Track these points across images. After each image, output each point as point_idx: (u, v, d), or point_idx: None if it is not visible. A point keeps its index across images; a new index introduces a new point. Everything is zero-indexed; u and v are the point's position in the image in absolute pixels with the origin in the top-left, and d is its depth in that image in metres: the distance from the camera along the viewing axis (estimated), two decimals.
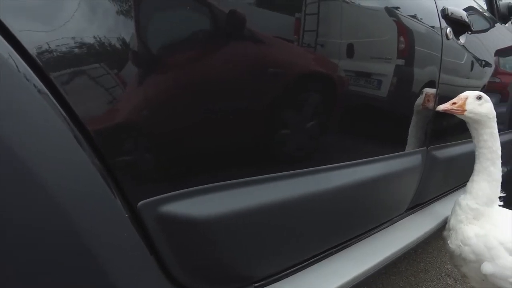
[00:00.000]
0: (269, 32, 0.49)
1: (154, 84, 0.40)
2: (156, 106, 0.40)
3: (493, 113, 0.86)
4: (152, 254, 0.43)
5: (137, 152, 0.40)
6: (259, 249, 0.52)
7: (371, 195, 0.73)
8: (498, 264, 0.78)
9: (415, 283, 1.30)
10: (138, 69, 0.38)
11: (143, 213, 0.41)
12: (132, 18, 0.37)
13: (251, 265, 0.52)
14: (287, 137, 0.54)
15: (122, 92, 0.37)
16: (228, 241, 0.48)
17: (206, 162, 0.45)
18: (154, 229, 0.42)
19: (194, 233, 0.44)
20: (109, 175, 0.38)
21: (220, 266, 0.49)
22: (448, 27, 0.89)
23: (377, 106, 0.73)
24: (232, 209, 0.46)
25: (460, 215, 0.87)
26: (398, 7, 0.72)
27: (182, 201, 0.42)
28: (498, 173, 0.87)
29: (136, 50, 0.37)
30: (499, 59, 1.35)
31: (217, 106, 0.45)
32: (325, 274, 0.63)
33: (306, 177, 0.57)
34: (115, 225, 0.38)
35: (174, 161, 0.42)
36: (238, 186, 0.48)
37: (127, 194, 0.39)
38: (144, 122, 0.39)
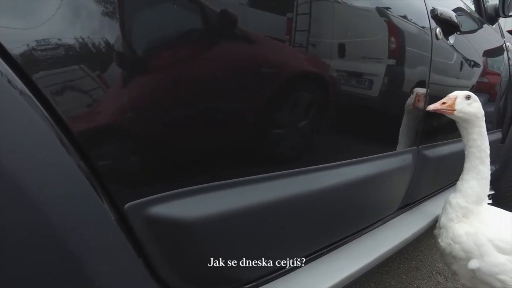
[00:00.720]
0: (259, 31, 0.49)
1: (141, 84, 0.39)
2: (143, 107, 0.39)
3: (482, 113, 0.87)
4: (140, 256, 0.43)
5: (123, 153, 0.39)
6: (250, 250, 0.52)
7: (363, 194, 0.73)
8: (486, 261, 0.79)
9: (407, 282, 1.31)
10: (123, 69, 0.37)
11: (130, 215, 0.40)
12: (117, 17, 0.36)
13: (241, 266, 0.52)
14: (277, 137, 0.54)
15: (107, 93, 0.37)
16: (218, 242, 0.47)
17: (194, 163, 0.45)
18: (141, 232, 0.41)
19: (183, 234, 0.44)
20: (94, 177, 0.37)
21: (210, 268, 0.48)
22: (438, 27, 0.89)
23: (368, 106, 0.73)
24: (221, 210, 0.46)
25: (451, 214, 0.88)
26: (388, 7, 0.73)
27: (170, 202, 0.42)
28: (487, 172, 0.88)
29: (120, 50, 0.37)
30: (487, 59, 1.37)
31: (205, 106, 0.44)
32: (317, 274, 0.63)
33: (296, 177, 0.57)
34: (101, 227, 0.37)
35: (161, 163, 0.42)
36: (227, 187, 0.47)
37: (114, 196, 0.38)
38: (130, 123, 0.38)
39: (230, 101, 0.47)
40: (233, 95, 0.47)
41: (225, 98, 0.46)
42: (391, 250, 0.78)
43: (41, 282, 0.33)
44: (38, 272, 0.33)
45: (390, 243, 0.79)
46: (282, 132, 0.55)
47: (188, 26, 0.42)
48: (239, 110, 0.48)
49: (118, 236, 0.39)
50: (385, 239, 0.81)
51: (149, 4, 0.39)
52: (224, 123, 0.46)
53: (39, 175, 0.32)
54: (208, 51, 0.43)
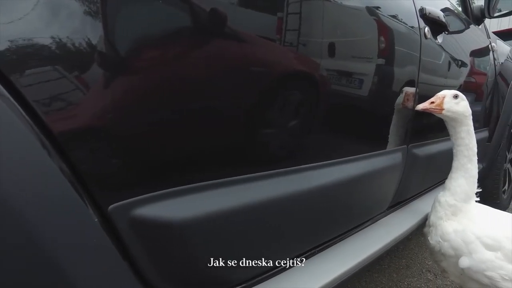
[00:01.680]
0: (248, 30, 0.48)
1: (125, 84, 0.38)
2: (127, 106, 0.38)
3: (469, 111, 0.88)
4: (126, 259, 0.41)
5: (106, 154, 0.37)
6: (239, 251, 0.51)
7: (353, 193, 0.73)
8: (474, 258, 0.79)
9: (397, 280, 1.32)
10: (104, 69, 0.36)
11: (114, 217, 0.38)
12: (100, 15, 0.35)
13: (231, 268, 0.51)
14: (265, 136, 0.53)
15: (89, 93, 0.35)
16: (206, 243, 0.46)
17: (180, 164, 0.43)
18: (127, 234, 0.40)
19: (170, 236, 0.42)
20: (76, 178, 0.35)
21: (198, 270, 0.47)
22: (426, 27, 0.90)
23: (358, 105, 0.73)
24: (209, 210, 0.45)
25: (440, 212, 0.88)
26: (377, 6, 0.73)
27: (155, 203, 0.41)
28: (475, 170, 0.90)
29: (102, 50, 0.35)
30: (474, 59, 1.39)
31: (190, 106, 0.43)
32: (309, 274, 0.63)
33: (286, 177, 0.56)
34: (83, 230, 0.35)
35: (146, 163, 0.40)
36: (214, 187, 0.46)
37: (97, 197, 0.37)
38: (113, 123, 0.37)
39: (217, 100, 0.46)
40: (219, 94, 0.45)
41: (211, 97, 0.45)
42: (382, 249, 0.78)
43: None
44: (15, 278, 0.32)
45: (381, 242, 0.79)
46: (271, 131, 0.54)
47: (172, 24, 0.41)
48: (226, 110, 0.47)
49: (101, 238, 0.38)
50: (376, 238, 0.81)
51: (132, 1, 0.38)
52: (211, 122, 0.45)
53: (18, 177, 0.31)
54: (191, 49, 0.42)
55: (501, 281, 0.77)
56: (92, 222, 0.37)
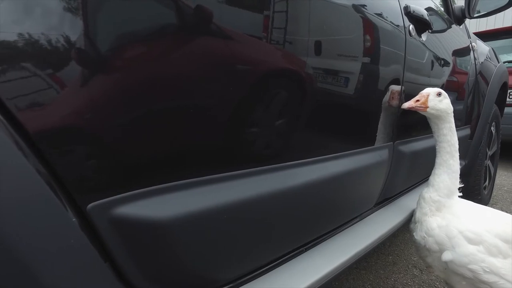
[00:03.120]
0: (232, 28, 0.47)
1: (103, 81, 0.36)
2: (106, 102, 0.36)
3: (451, 109, 0.90)
4: (107, 261, 0.40)
5: (84, 151, 0.35)
6: (225, 250, 0.50)
7: (341, 190, 0.73)
8: (457, 252, 0.81)
9: (384, 276, 1.33)
10: (82, 68, 0.34)
11: (93, 216, 0.37)
12: (77, 12, 0.33)
13: (217, 268, 0.50)
14: (251, 134, 0.52)
15: (65, 92, 0.33)
16: (190, 242, 0.45)
17: (162, 161, 0.42)
18: (107, 234, 0.38)
19: (152, 235, 0.41)
20: (52, 177, 0.34)
21: (183, 270, 0.46)
22: (411, 24, 0.91)
23: (344, 103, 0.73)
24: (192, 209, 0.43)
25: (424, 208, 0.90)
26: (363, 4, 0.73)
27: (137, 202, 0.39)
28: (457, 165, 0.91)
29: (80, 48, 0.33)
30: (456, 58, 1.43)
31: (172, 104, 0.41)
32: (296, 273, 0.62)
33: (272, 174, 0.55)
34: (59, 230, 0.34)
35: (126, 160, 0.39)
36: (198, 185, 0.45)
37: (74, 196, 0.35)
38: (90, 120, 0.35)
39: (199, 98, 0.44)
40: (201, 92, 0.44)
41: (193, 95, 0.43)
42: (370, 245, 0.78)
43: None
44: None
45: (369, 239, 0.79)
46: (256, 128, 0.53)
47: (151, 21, 0.39)
48: (209, 107, 0.46)
49: (80, 239, 0.36)
50: (364, 235, 0.81)
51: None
52: (193, 120, 0.44)
53: None
54: (168, 48, 0.40)
55: (483, 274, 0.79)
56: (70, 222, 0.35)
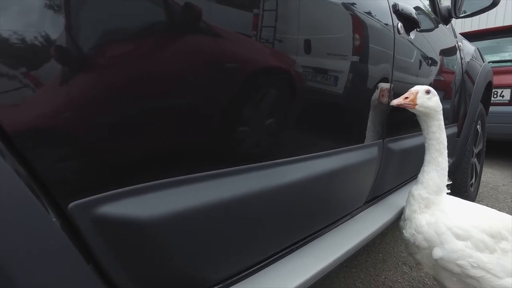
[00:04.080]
0: (220, 25, 0.46)
1: (83, 78, 0.34)
2: (87, 99, 0.34)
3: (440, 106, 0.91)
4: (90, 262, 0.38)
5: (65, 148, 0.34)
6: (213, 250, 0.49)
7: (330, 188, 0.73)
8: (446, 248, 0.81)
9: (375, 274, 1.34)
10: (62, 66, 0.32)
11: (75, 216, 0.35)
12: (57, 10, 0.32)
13: (205, 268, 0.48)
14: (239, 131, 0.51)
15: (44, 90, 0.32)
16: (177, 242, 0.43)
17: (148, 158, 0.40)
18: (90, 234, 0.37)
19: (138, 235, 0.39)
20: (30, 175, 0.32)
21: (170, 270, 0.44)
22: (399, 22, 0.92)
23: (333, 101, 0.72)
24: (179, 207, 0.42)
25: (414, 205, 0.90)
26: (352, 2, 0.73)
27: (122, 200, 0.38)
28: (445, 163, 0.92)
29: (59, 46, 0.32)
30: (443, 57, 1.45)
31: (159, 100, 0.40)
32: (286, 272, 0.61)
33: (260, 172, 0.54)
34: (37, 231, 0.32)
35: (110, 158, 0.37)
36: (185, 183, 0.43)
37: (54, 195, 0.33)
38: (70, 116, 0.33)
39: (184, 96, 0.43)
40: (187, 90, 0.43)
41: (177, 93, 0.42)
42: (360, 244, 0.78)
43: None
44: None
45: (359, 237, 0.79)
46: (244, 126, 0.52)
47: (129, 19, 0.37)
48: (195, 105, 0.44)
49: (61, 240, 0.34)
50: (354, 233, 0.81)
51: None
52: (179, 118, 0.42)
53: None
54: (147, 46, 0.38)
55: (471, 269, 0.80)
56: (49, 222, 0.33)
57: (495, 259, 0.81)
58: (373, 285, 1.26)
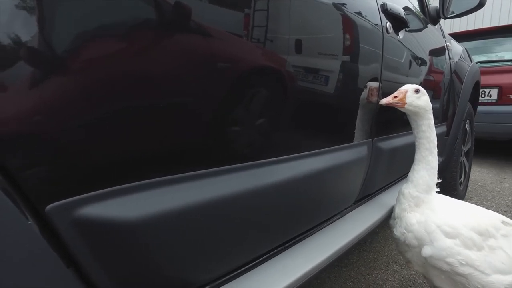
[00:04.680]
0: (203, 23, 0.45)
1: (58, 77, 0.33)
2: (67, 98, 0.33)
3: (430, 105, 0.91)
4: (71, 265, 0.37)
5: (40, 149, 0.32)
6: (200, 251, 0.48)
7: (319, 188, 0.72)
8: (436, 246, 0.82)
9: (365, 273, 1.34)
10: (37, 67, 0.31)
11: (54, 218, 0.34)
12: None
13: (191, 269, 0.47)
14: (227, 131, 0.50)
15: (17, 90, 0.30)
16: (162, 243, 0.42)
17: (130, 158, 0.39)
18: (70, 237, 0.35)
19: (121, 237, 0.38)
20: (3, 176, 0.30)
21: (155, 272, 0.43)
22: (388, 22, 0.92)
23: (322, 100, 0.72)
24: (165, 208, 0.41)
25: (404, 204, 0.91)
26: (340, 2, 0.72)
27: (103, 202, 0.36)
28: (435, 161, 0.93)
29: (33, 46, 0.31)
30: (432, 57, 1.46)
31: (143, 99, 0.39)
32: (276, 272, 0.61)
33: (249, 172, 0.53)
34: (11, 234, 0.30)
35: (90, 158, 0.36)
36: (170, 184, 0.42)
37: (31, 196, 0.32)
38: (46, 115, 0.32)
39: (171, 95, 0.42)
40: (173, 89, 0.42)
41: (163, 92, 0.41)
42: (350, 243, 0.78)
43: None
44: None
45: (348, 236, 0.79)
46: (232, 125, 0.51)
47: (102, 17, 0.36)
48: (182, 104, 0.43)
49: (37, 243, 0.33)
50: (344, 233, 0.81)
51: None
52: (166, 116, 0.41)
53: None
54: (121, 46, 0.37)
55: (459, 266, 0.80)
56: (25, 224, 0.32)
57: (483, 256, 0.82)
58: (364, 284, 1.26)
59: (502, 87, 3.08)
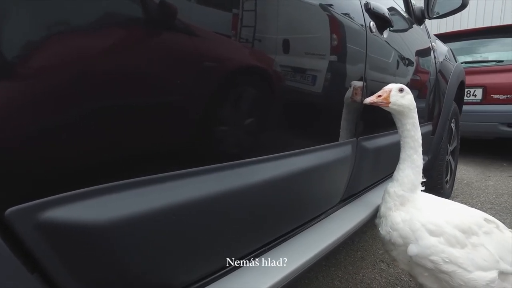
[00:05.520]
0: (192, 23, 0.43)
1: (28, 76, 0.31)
2: (25, 99, 0.31)
3: (414, 104, 0.92)
4: (35, 272, 0.35)
5: None
6: (177, 253, 0.46)
7: (303, 187, 0.71)
8: (421, 244, 0.82)
9: (353, 272, 1.34)
10: None
11: (14, 223, 0.32)
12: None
13: (167, 272, 0.46)
14: (207, 130, 0.49)
15: None
16: (135, 247, 0.41)
17: (99, 159, 0.37)
18: (34, 242, 0.34)
19: (89, 241, 0.37)
20: None
21: (125, 276, 0.41)
22: (371, 21, 0.92)
23: (306, 100, 0.72)
24: (138, 211, 0.39)
25: (389, 202, 0.91)
26: (323, 1, 0.72)
27: (69, 205, 0.35)
28: (420, 160, 0.93)
29: None
30: (418, 57, 1.47)
31: (111, 98, 0.37)
32: (258, 273, 0.60)
33: (230, 171, 0.52)
34: None
35: (51, 160, 0.34)
36: (143, 185, 0.41)
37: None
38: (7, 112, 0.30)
39: (139, 94, 0.40)
40: (145, 86, 0.40)
41: (136, 89, 0.39)
42: (334, 243, 0.78)
43: None
44: None
45: (333, 236, 0.79)
46: (212, 124, 0.50)
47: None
48: (154, 100, 0.42)
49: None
50: (328, 232, 0.80)
51: None
52: (134, 115, 0.40)
53: None
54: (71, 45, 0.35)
55: (443, 264, 0.81)
56: None
57: (466, 253, 0.82)
58: (351, 283, 1.26)
59: (487, 87, 3.14)
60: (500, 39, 3.49)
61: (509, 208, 2.08)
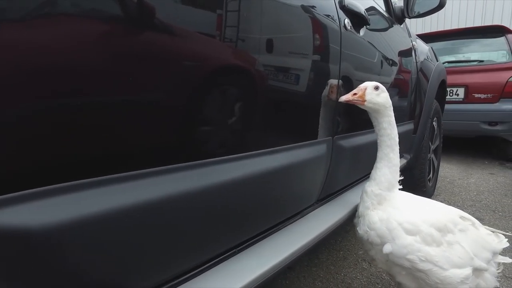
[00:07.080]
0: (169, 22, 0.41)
1: None
2: None
3: (389, 103, 0.91)
4: None
5: None
6: (142, 255, 0.44)
7: (275, 187, 0.70)
8: (397, 243, 0.82)
9: (335, 272, 1.34)
10: None
11: None
12: None
13: (126, 276, 0.43)
14: (175, 127, 0.47)
15: None
16: (92, 251, 0.38)
17: (46, 158, 0.35)
18: None
19: (35, 246, 0.34)
20: None
21: (80, 282, 0.39)
22: (346, 18, 0.91)
23: (279, 97, 0.70)
24: (87, 213, 0.37)
25: (367, 202, 0.90)
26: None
27: (11, 208, 0.32)
28: (397, 159, 0.93)
29: None
30: (399, 56, 1.48)
31: (71, 95, 0.35)
32: (226, 276, 0.58)
33: (196, 171, 0.50)
34: None
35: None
36: (93, 186, 0.38)
37: None
38: None
39: (98, 89, 0.38)
40: (104, 82, 0.38)
41: (94, 83, 0.37)
42: (310, 242, 0.76)
43: None
44: None
45: (308, 236, 0.77)
46: (182, 121, 0.48)
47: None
48: (112, 97, 0.40)
49: None
50: (304, 232, 0.79)
51: None
52: (89, 109, 0.37)
53: None
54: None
55: (419, 263, 0.81)
56: None
57: (441, 251, 0.82)
58: (332, 283, 1.25)
59: (469, 86, 3.20)
60: (481, 40, 3.57)
61: (489, 205, 2.12)
